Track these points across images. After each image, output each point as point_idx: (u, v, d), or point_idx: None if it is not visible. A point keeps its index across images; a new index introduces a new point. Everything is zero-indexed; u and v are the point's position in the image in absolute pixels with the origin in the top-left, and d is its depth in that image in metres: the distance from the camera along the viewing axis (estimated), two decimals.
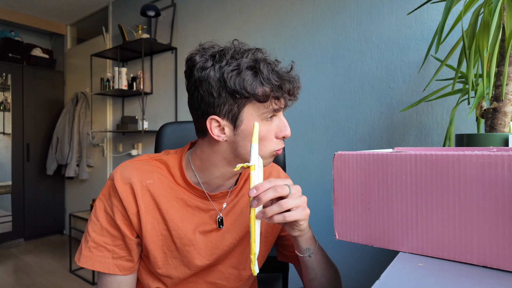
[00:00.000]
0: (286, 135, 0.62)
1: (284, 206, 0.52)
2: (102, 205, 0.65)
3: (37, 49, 3.51)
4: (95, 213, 0.65)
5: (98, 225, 0.64)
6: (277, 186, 0.52)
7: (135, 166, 0.66)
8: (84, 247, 0.64)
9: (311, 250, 0.62)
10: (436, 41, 0.86)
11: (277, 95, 0.58)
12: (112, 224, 0.63)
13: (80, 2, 3.09)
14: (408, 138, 1.37)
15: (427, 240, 0.44)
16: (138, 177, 0.64)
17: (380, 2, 1.45)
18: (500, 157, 0.38)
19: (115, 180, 0.63)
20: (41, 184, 3.44)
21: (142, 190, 0.63)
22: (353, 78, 1.53)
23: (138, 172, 0.65)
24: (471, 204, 0.41)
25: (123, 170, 0.65)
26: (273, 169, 0.80)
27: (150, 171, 0.66)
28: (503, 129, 0.84)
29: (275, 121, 0.62)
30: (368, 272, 1.48)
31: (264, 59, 0.59)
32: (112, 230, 0.63)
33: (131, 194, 0.63)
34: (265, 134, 0.60)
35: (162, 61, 2.56)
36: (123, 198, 0.62)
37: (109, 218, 0.64)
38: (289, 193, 0.53)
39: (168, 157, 0.69)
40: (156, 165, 0.67)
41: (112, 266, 0.63)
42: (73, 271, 2.59)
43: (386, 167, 0.47)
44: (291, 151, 1.74)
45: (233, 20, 2.05)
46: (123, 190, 0.63)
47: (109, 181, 0.65)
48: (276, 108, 0.60)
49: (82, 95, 3.29)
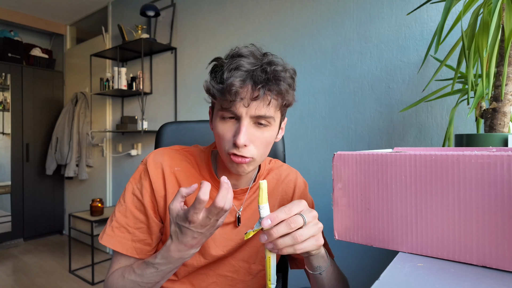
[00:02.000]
0: (235, 141, 0.57)
1: (299, 239, 0.48)
2: (131, 187, 0.67)
3: (37, 49, 3.51)
4: (123, 195, 0.68)
5: (124, 206, 0.66)
6: (290, 220, 0.48)
7: (167, 153, 0.70)
8: (109, 226, 0.66)
9: (322, 268, 0.59)
10: (436, 41, 0.86)
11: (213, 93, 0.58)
12: (137, 207, 0.66)
13: (80, 2, 3.09)
14: (408, 138, 1.37)
15: (426, 240, 0.44)
16: (169, 163, 0.68)
17: (380, 2, 1.45)
18: (500, 157, 0.39)
19: (148, 163, 0.67)
20: (40, 184, 3.44)
21: (170, 175, 0.67)
22: (353, 78, 1.54)
23: (169, 158, 0.69)
24: (471, 204, 0.41)
25: (156, 155, 0.69)
26: (292, 172, 0.79)
27: (180, 159, 0.70)
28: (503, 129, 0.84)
29: (235, 123, 0.59)
30: (368, 272, 1.48)
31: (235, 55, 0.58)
32: (137, 212, 0.66)
33: (161, 178, 0.67)
34: (220, 132, 0.60)
35: (161, 61, 2.56)
36: (154, 180, 0.66)
37: (135, 201, 0.66)
38: (303, 224, 0.49)
39: (197, 149, 0.73)
40: (186, 155, 0.71)
41: (130, 248, 0.65)
42: (73, 271, 2.59)
43: (385, 167, 0.47)
44: (291, 151, 1.74)
45: (233, 20, 2.05)
46: (154, 173, 0.66)
47: (141, 165, 0.69)
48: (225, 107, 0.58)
49: (81, 95, 3.29)
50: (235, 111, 0.58)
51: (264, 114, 0.58)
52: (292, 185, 0.77)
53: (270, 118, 0.59)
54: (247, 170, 0.62)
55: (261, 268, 0.74)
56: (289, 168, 0.80)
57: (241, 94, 0.56)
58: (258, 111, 0.58)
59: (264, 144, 0.61)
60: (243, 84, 0.56)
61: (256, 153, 0.61)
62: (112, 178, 3.08)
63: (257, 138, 0.60)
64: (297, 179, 0.79)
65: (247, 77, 0.56)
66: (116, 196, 3.03)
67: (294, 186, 0.77)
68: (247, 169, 0.62)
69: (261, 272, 0.74)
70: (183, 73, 2.39)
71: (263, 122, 0.59)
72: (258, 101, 0.57)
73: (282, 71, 0.58)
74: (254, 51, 0.60)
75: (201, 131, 1.00)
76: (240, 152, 0.59)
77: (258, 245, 0.72)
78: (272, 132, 0.62)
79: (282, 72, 0.58)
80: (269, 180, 0.75)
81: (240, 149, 0.59)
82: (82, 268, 2.65)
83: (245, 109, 0.57)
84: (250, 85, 0.56)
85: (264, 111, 0.58)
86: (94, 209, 2.58)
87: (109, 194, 3.08)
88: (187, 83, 2.36)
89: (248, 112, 0.57)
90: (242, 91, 0.56)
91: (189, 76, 2.35)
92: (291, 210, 0.49)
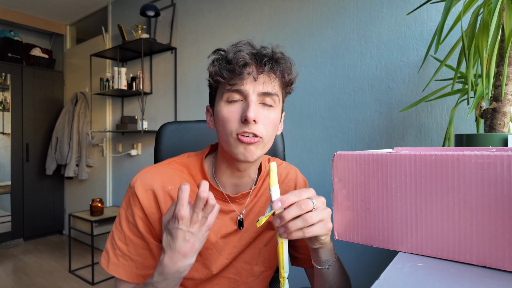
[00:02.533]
0: (245, 117, 0.57)
1: (309, 220, 0.49)
2: (124, 214, 0.64)
3: (37, 49, 3.51)
4: (119, 221, 0.65)
5: (122, 233, 0.64)
6: (301, 202, 0.49)
7: (155, 171, 0.66)
8: (113, 254, 0.63)
9: (330, 262, 0.59)
10: (436, 41, 0.86)
11: (221, 72, 0.59)
12: (135, 233, 0.63)
13: (80, 2, 3.09)
14: (408, 138, 1.37)
15: (426, 240, 0.44)
16: (160, 183, 0.64)
17: (380, 2, 1.45)
18: (500, 157, 0.39)
19: (135, 188, 0.63)
20: (40, 184, 3.44)
21: (164, 196, 0.63)
22: (353, 78, 1.53)
23: (159, 178, 0.64)
24: (471, 204, 0.41)
25: (144, 176, 0.65)
26: (291, 170, 0.79)
27: (170, 175, 0.66)
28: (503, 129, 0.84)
29: (242, 104, 0.59)
30: (368, 272, 1.48)
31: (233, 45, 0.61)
32: (136, 239, 0.63)
33: (153, 201, 0.63)
34: (226, 115, 0.59)
35: (161, 61, 2.56)
36: (145, 205, 0.62)
37: (131, 227, 0.63)
38: (313, 208, 0.50)
39: (189, 159, 0.69)
40: (177, 168, 0.67)
41: (136, 276, 0.63)
42: (73, 271, 2.59)
43: (385, 167, 0.47)
44: (291, 151, 1.74)
45: (233, 20, 2.05)
46: (144, 197, 0.63)
47: (129, 190, 0.65)
48: (229, 88, 0.59)
49: (81, 95, 3.29)
50: (242, 88, 0.58)
51: (271, 90, 0.59)
52: (292, 184, 0.77)
53: (275, 96, 0.60)
54: (256, 153, 0.60)
55: (264, 269, 0.74)
56: (288, 166, 0.80)
57: (249, 68, 0.58)
58: (265, 87, 0.59)
59: (272, 125, 0.61)
60: (249, 59, 0.58)
61: (265, 133, 0.60)
62: (112, 178, 3.08)
63: (265, 117, 0.60)
64: (297, 177, 0.78)
65: (251, 56, 0.58)
66: (116, 196, 3.03)
67: (295, 186, 0.77)
68: (255, 152, 0.60)
69: (264, 273, 0.74)
70: (183, 73, 2.39)
71: (268, 102, 0.60)
72: (265, 76, 0.59)
73: (281, 53, 0.62)
74: (251, 42, 0.62)
75: (201, 131, 1.00)
76: (250, 129, 0.58)
77: (260, 247, 0.72)
78: (277, 113, 0.62)
79: (280, 54, 0.61)
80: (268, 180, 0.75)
81: (250, 126, 0.58)
82: (82, 268, 2.65)
83: (252, 86, 0.58)
84: (254, 62, 0.58)
85: (270, 87, 0.59)
86: (94, 209, 2.58)
87: (109, 194, 3.08)
88: (187, 83, 2.36)
89: (255, 89, 0.59)
90: (250, 67, 0.58)
91: (189, 76, 2.34)
92: (301, 194, 0.50)
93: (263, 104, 0.60)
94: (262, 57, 0.59)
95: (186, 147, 0.95)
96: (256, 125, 0.58)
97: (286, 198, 0.49)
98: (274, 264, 0.75)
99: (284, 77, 0.62)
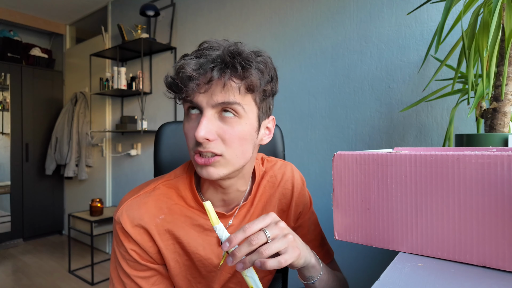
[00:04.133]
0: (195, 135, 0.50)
1: (265, 253, 0.45)
2: (120, 254, 0.60)
3: (36, 49, 3.50)
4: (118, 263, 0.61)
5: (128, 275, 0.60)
6: (251, 238, 0.46)
7: (140, 202, 0.59)
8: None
9: (314, 278, 0.56)
10: (436, 41, 0.86)
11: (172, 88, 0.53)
12: (138, 268, 0.60)
13: (79, 1, 3.08)
14: (408, 138, 1.37)
15: (426, 240, 0.44)
16: (149, 216, 0.58)
17: (380, 2, 1.45)
18: (500, 157, 0.38)
19: (123, 224, 0.57)
20: (40, 184, 3.43)
21: (157, 229, 0.59)
22: (353, 78, 1.53)
23: (146, 210, 0.59)
24: (471, 204, 0.41)
25: (129, 211, 0.58)
26: (287, 169, 0.74)
27: (158, 204, 0.60)
28: (503, 129, 0.84)
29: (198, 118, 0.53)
30: (368, 272, 1.47)
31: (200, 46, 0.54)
32: (142, 273, 0.60)
33: (146, 236, 0.59)
34: (185, 130, 0.55)
35: (161, 61, 2.56)
36: (139, 242, 0.58)
37: (132, 264, 0.60)
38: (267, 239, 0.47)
39: (177, 180, 0.63)
40: (163, 192, 0.61)
41: None
42: (72, 271, 2.59)
43: (385, 167, 0.47)
44: (291, 151, 1.74)
45: (233, 20, 2.04)
46: (136, 234, 0.58)
47: (117, 225, 0.59)
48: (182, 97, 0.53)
49: (81, 95, 3.29)
50: (193, 101, 0.52)
51: (228, 99, 0.51)
52: (289, 186, 0.72)
53: (236, 105, 0.52)
54: (218, 172, 0.54)
55: (263, 275, 0.73)
56: (283, 165, 0.74)
57: (195, 79, 0.50)
58: (220, 97, 0.51)
59: (236, 140, 0.53)
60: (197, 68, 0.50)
61: (225, 150, 0.53)
62: (111, 178, 3.07)
63: (225, 132, 0.52)
64: (294, 176, 0.74)
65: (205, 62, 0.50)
66: (115, 196, 3.03)
67: (292, 187, 0.73)
68: (216, 172, 0.54)
69: (264, 279, 0.73)
70: None
71: (229, 113, 0.52)
72: (215, 85, 0.51)
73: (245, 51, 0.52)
74: (222, 43, 0.54)
75: None
76: (205, 148, 0.52)
77: None
78: (244, 126, 0.53)
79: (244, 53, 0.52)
80: (265, 186, 0.69)
81: (203, 145, 0.52)
82: (81, 268, 2.65)
83: (204, 98, 0.51)
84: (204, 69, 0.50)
85: (226, 96, 0.51)
86: (94, 209, 2.57)
87: (109, 194, 3.08)
88: None
89: (209, 101, 0.51)
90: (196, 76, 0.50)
91: None
92: (251, 227, 0.47)
93: (223, 116, 0.53)
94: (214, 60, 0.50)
95: (186, 147, 0.95)
96: (212, 143, 0.52)
97: (233, 237, 0.46)
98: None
99: (247, 78, 0.51)
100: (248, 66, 0.51)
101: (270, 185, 0.71)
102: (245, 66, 0.51)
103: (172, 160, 0.94)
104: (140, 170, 2.73)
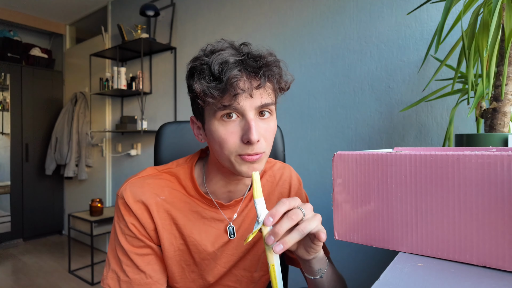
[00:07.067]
0: (248, 139, 0.52)
1: (305, 232, 0.47)
2: (120, 229, 0.62)
3: (36, 49, 3.50)
4: (116, 239, 0.62)
5: (125, 250, 0.61)
6: (291, 213, 0.47)
7: (144, 182, 0.63)
8: (119, 270, 0.61)
9: (323, 271, 0.57)
10: (436, 41, 0.86)
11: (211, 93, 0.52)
12: (135, 244, 0.61)
13: (79, 1, 3.08)
14: (408, 138, 1.37)
15: (426, 240, 0.44)
16: (150, 194, 0.61)
17: (380, 2, 1.45)
18: (500, 157, 0.38)
19: (126, 198, 0.61)
20: (40, 184, 3.43)
21: (157, 207, 0.61)
22: (353, 78, 1.53)
23: (149, 188, 0.62)
24: (471, 204, 0.41)
25: (133, 187, 0.62)
26: (285, 170, 0.77)
27: (160, 185, 0.63)
28: (503, 129, 0.84)
29: (240, 122, 0.55)
30: (368, 272, 1.47)
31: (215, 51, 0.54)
32: (138, 249, 0.62)
33: (146, 212, 0.61)
34: (224, 136, 0.54)
35: (161, 61, 2.56)
36: (139, 216, 0.60)
37: (130, 239, 0.61)
38: (303, 216, 0.48)
39: (178, 169, 0.66)
40: (166, 178, 0.65)
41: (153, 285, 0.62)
42: (72, 271, 2.59)
43: (385, 167, 0.47)
44: (291, 151, 1.74)
45: (233, 20, 2.04)
46: (137, 208, 0.60)
47: (119, 201, 0.62)
48: (226, 104, 0.53)
49: (81, 95, 3.29)
50: (238, 106, 0.53)
51: (268, 102, 0.55)
52: (287, 185, 0.75)
53: (272, 105, 0.57)
54: (260, 168, 0.57)
55: (263, 274, 0.73)
56: (282, 166, 0.77)
57: (242, 85, 0.52)
58: (263, 100, 0.54)
59: (272, 134, 0.58)
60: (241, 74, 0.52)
61: (266, 147, 0.57)
62: (111, 178, 3.07)
63: (265, 131, 0.56)
64: (292, 177, 0.76)
65: (241, 68, 0.52)
66: (115, 196, 3.03)
67: (289, 186, 0.75)
68: (259, 167, 0.57)
69: (263, 278, 0.73)
70: (183, 73, 2.39)
71: (266, 113, 0.56)
72: (261, 90, 0.54)
73: (269, 55, 0.56)
74: (231, 43, 0.56)
75: None
76: (253, 150, 0.54)
77: (259, 253, 0.71)
78: (275, 121, 0.59)
79: (269, 56, 0.55)
80: (264, 184, 0.72)
81: (253, 147, 0.54)
82: (81, 268, 2.65)
83: (249, 102, 0.53)
84: (245, 74, 0.52)
85: (268, 99, 0.55)
86: (94, 209, 2.57)
87: (109, 194, 3.08)
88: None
89: (253, 104, 0.53)
90: (243, 82, 0.52)
91: None
92: (290, 203, 0.48)
93: (261, 116, 0.56)
94: (255, 69, 0.53)
95: (186, 147, 0.95)
96: (259, 143, 0.55)
97: (276, 210, 0.46)
98: None
99: (280, 83, 0.57)
100: (280, 70, 0.57)
101: (269, 184, 0.73)
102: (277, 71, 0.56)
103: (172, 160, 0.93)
104: (140, 170, 2.73)
